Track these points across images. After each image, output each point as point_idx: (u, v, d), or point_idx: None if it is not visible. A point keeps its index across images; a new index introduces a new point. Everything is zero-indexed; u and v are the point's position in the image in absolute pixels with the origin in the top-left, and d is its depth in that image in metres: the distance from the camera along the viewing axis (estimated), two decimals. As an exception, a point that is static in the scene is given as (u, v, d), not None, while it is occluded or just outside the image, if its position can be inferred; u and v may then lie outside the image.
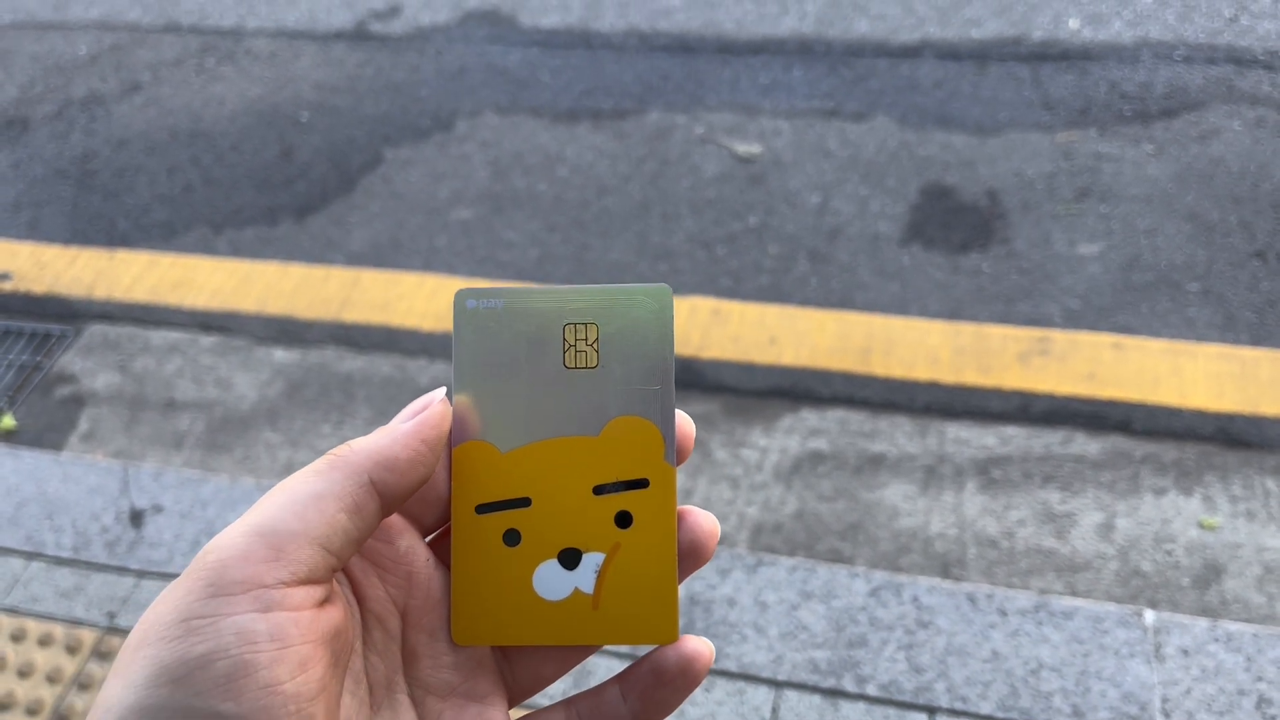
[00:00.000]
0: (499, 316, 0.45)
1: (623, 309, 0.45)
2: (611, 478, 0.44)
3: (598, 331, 0.45)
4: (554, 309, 0.45)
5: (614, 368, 0.45)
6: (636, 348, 0.44)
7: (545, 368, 0.45)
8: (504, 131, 3.01)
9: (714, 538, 0.45)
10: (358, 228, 2.77)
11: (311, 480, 0.40)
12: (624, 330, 0.45)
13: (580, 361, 0.45)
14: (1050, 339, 2.27)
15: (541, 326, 0.45)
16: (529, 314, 0.45)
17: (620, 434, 0.44)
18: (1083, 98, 2.82)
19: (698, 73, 3.11)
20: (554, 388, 0.44)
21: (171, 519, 1.95)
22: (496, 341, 0.45)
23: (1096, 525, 1.93)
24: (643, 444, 0.44)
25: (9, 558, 1.93)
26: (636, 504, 0.44)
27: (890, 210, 2.61)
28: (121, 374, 2.48)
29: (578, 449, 0.44)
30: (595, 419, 0.44)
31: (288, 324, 2.53)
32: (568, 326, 0.45)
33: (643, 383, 0.44)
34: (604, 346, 0.45)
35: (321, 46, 3.42)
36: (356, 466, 0.41)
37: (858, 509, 2.03)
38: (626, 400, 0.44)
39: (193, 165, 3.04)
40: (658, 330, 0.45)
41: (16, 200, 3.01)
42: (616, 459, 0.44)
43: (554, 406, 0.44)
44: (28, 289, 2.72)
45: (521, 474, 0.44)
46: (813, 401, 2.23)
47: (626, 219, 2.69)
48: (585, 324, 0.45)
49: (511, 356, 0.44)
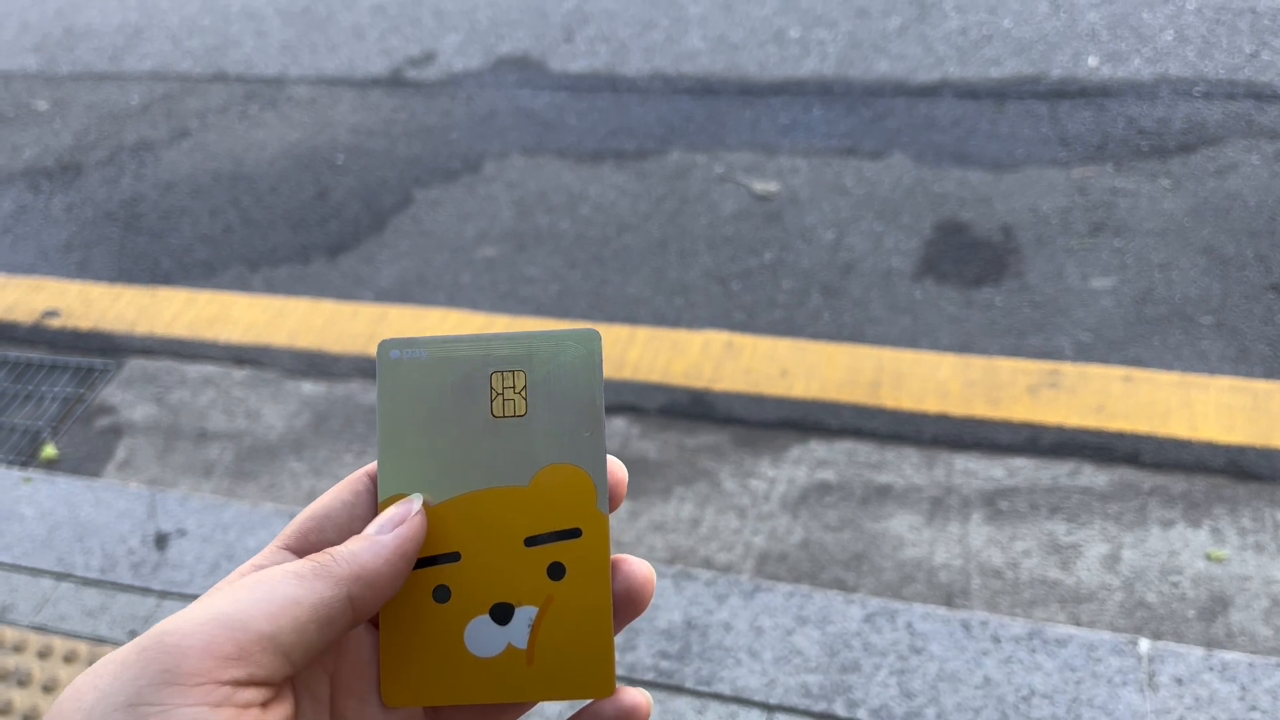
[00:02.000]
0: (424, 367, 0.44)
1: (550, 355, 0.44)
2: (543, 529, 0.43)
3: (525, 379, 0.44)
4: (480, 357, 0.44)
5: (543, 415, 0.43)
6: (565, 394, 0.43)
7: (473, 417, 0.43)
8: (529, 172, 3.10)
9: (649, 585, 0.44)
10: (387, 265, 2.87)
11: (292, 584, 0.39)
12: (552, 377, 0.44)
13: (508, 410, 0.44)
14: (1061, 371, 2.27)
15: (468, 375, 0.44)
16: (455, 363, 0.44)
17: (551, 483, 0.43)
18: (1100, 134, 2.84)
19: (719, 113, 3.18)
20: (482, 437, 0.43)
21: (194, 542, 2.02)
22: (422, 392, 0.43)
23: (1102, 556, 1.93)
24: (574, 492, 0.43)
25: (40, 578, 2.02)
26: (569, 555, 0.43)
27: (904, 246, 2.64)
28: (158, 406, 2.58)
29: (508, 500, 0.43)
30: (525, 468, 0.43)
31: (317, 358, 2.63)
32: (494, 374, 0.44)
33: (573, 429, 0.43)
34: (532, 394, 0.43)
35: (359, 92, 3.56)
36: (338, 579, 0.40)
37: (863, 539, 2.04)
38: (557, 448, 0.43)
39: (233, 207, 3.18)
40: (586, 376, 0.44)
41: (68, 241, 3.17)
42: (548, 509, 0.43)
43: (483, 457, 0.43)
44: (74, 325, 2.85)
45: (451, 528, 0.43)
46: (822, 433, 2.25)
47: (645, 255, 2.76)
48: (512, 371, 0.44)
49: (438, 407, 0.43)
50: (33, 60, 4.07)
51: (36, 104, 3.81)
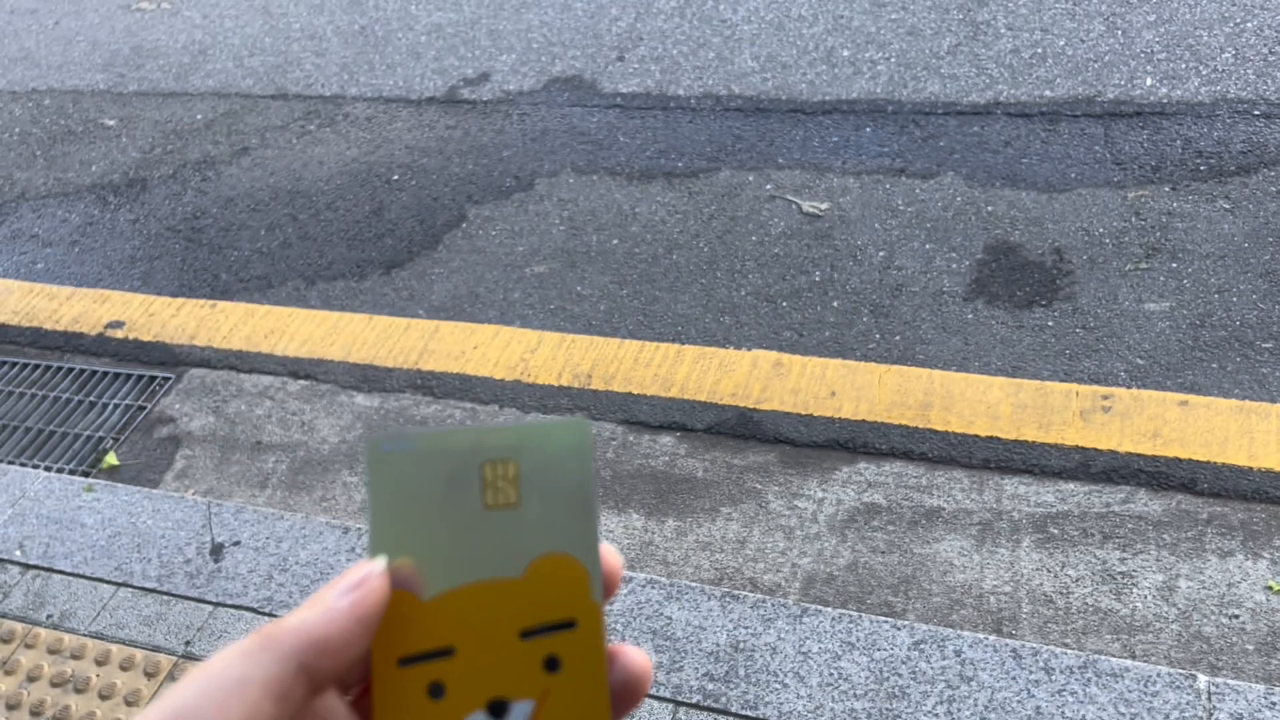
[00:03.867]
0: (414, 459, 0.43)
1: (540, 444, 0.44)
2: (537, 620, 0.43)
3: (516, 468, 0.43)
4: (470, 448, 0.43)
5: (534, 505, 0.43)
6: (557, 483, 0.43)
7: (464, 509, 0.43)
8: (581, 190, 3.13)
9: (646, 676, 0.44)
10: (439, 281, 2.91)
11: (237, 663, 0.38)
12: (543, 466, 0.43)
13: (500, 500, 0.43)
14: (1114, 396, 2.24)
15: (459, 466, 0.43)
16: (445, 455, 0.43)
17: (544, 574, 0.43)
18: (1156, 155, 2.80)
19: (769, 132, 3.19)
20: (474, 529, 0.43)
21: (248, 553, 2.07)
22: (412, 485, 0.43)
23: (1157, 586, 1.89)
24: (568, 582, 0.43)
25: (100, 585, 2.08)
26: (564, 646, 0.42)
27: (955, 267, 2.63)
28: (216, 416, 2.64)
29: (501, 592, 0.43)
30: (518, 559, 0.43)
31: (370, 371, 2.67)
32: (486, 465, 0.43)
33: (565, 519, 0.43)
34: (524, 483, 0.43)
35: (415, 111, 3.62)
36: (286, 649, 0.39)
37: (911, 563, 2.03)
38: (549, 537, 0.43)
39: (291, 222, 3.25)
40: (577, 464, 0.44)
41: (133, 254, 3.26)
42: (542, 600, 0.43)
43: (475, 548, 0.43)
44: (137, 336, 2.93)
45: (444, 622, 0.42)
46: (870, 454, 2.24)
47: (694, 274, 2.77)
48: (504, 461, 0.43)
49: (429, 500, 0.43)
50: (101, 78, 4.19)
51: (105, 121, 3.93)
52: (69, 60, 4.37)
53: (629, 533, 2.18)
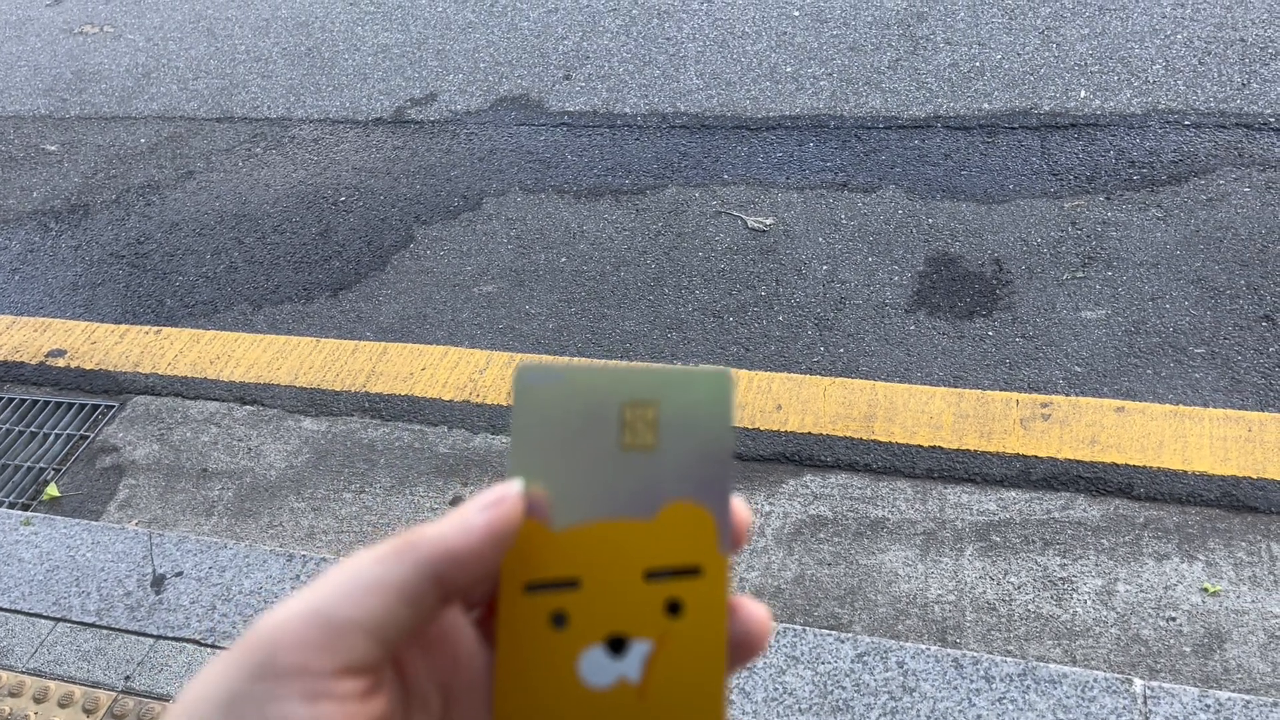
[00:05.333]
0: (557, 392, 0.44)
1: (682, 391, 0.44)
2: (663, 563, 0.43)
3: (656, 412, 0.44)
4: (613, 387, 0.44)
5: (671, 450, 0.43)
6: (694, 431, 0.43)
7: (601, 447, 0.43)
8: (529, 209, 3.13)
9: (766, 630, 0.44)
10: (387, 303, 2.90)
11: (375, 566, 0.39)
12: (683, 413, 0.43)
13: (637, 441, 0.43)
14: (1053, 404, 2.28)
15: (599, 404, 0.44)
16: (587, 392, 0.44)
17: (674, 519, 0.43)
18: (1091, 165, 2.86)
19: (715, 149, 3.21)
20: (609, 468, 0.43)
21: (190, 583, 2.04)
22: (553, 418, 0.44)
23: (1097, 591, 1.93)
24: (697, 530, 0.43)
25: (38, 621, 2.04)
26: (688, 592, 0.43)
27: (897, 279, 2.66)
28: (160, 444, 2.61)
29: (630, 532, 0.43)
30: (649, 502, 0.43)
31: (317, 395, 2.65)
32: (626, 406, 0.44)
33: (699, 468, 0.43)
34: (662, 428, 0.44)
35: (362, 132, 3.61)
36: (423, 557, 0.39)
37: (857, 574, 2.04)
38: (682, 484, 0.43)
39: (237, 246, 3.22)
40: (718, 415, 0.44)
41: (75, 281, 3.21)
42: (669, 544, 0.43)
43: (608, 487, 0.43)
44: (79, 364, 2.89)
45: (572, 554, 0.43)
46: (816, 467, 2.26)
47: (641, 290, 2.78)
48: (644, 404, 0.44)
49: (567, 434, 0.44)
50: (43, 103, 4.14)
51: (46, 146, 3.87)
52: (9, 85, 4.31)
53: (578, 552, 2.17)
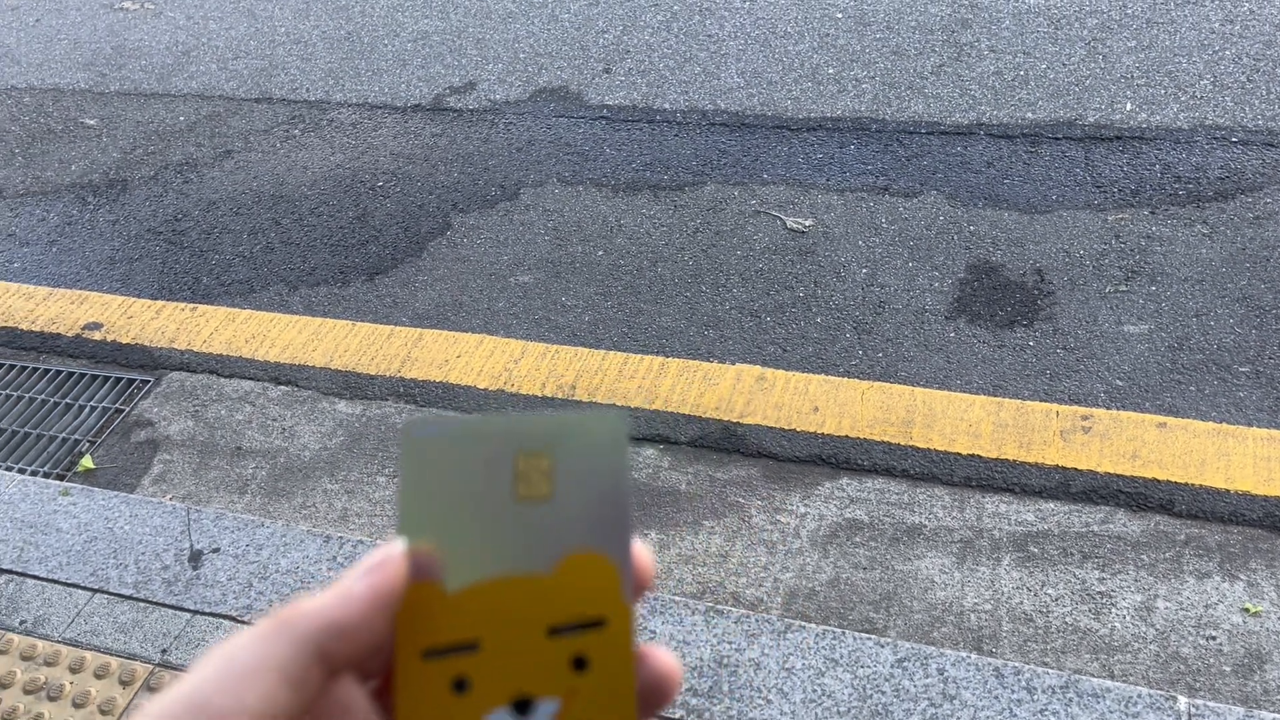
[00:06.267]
0: (447, 446, 0.42)
1: (576, 438, 0.43)
2: (566, 618, 0.42)
3: (551, 461, 0.42)
4: (505, 438, 0.42)
5: (567, 499, 0.42)
6: (591, 478, 0.42)
7: (495, 500, 0.42)
8: (566, 201, 3.13)
9: (676, 679, 0.43)
10: (424, 289, 2.90)
11: (251, 648, 0.37)
12: (578, 460, 0.42)
13: (532, 492, 0.42)
14: (1094, 417, 2.27)
15: (492, 456, 0.42)
16: (478, 443, 0.42)
17: (575, 570, 0.42)
18: (1136, 179, 2.84)
19: (754, 148, 3.20)
20: (504, 521, 0.42)
21: (227, 560, 2.05)
22: (444, 472, 0.42)
23: (1135, 606, 1.92)
24: (598, 580, 0.42)
25: (75, 591, 2.05)
26: (593, 645, 0.41)
27: (937, 285, 2.65)
28: (195, 421, 2.62)
29: (530, 587, 0.42)
30: (548, 554, 0.42)
31: (352, 378, 2.66)
32: (519, 456, 0.42)
33: (598, 515, 0.42)
34: (558, 477, 0.42)
35: (400, 118, 3.61)
36: (303, 633, 0.38)
37: (892, 579, 2.04)
38: (580, 533, 0.42)
39: (274, 227, 3.22)
40: (613, 459, 0.43)
41: (112, 255, 3.22)
42: (571, 597, 0.42)
43: (504, 541, 0.42)
44: (115, 338, 2.90)
45: (470, 615, 0.41)
46: (852, 470, 2.26)
47: (679, 287, 2.78)
48: (537, 454, 0.42)
49: (460, 488, 0.42)
50: (82, 77, 4.15)
51: (85, 120, 3.89)
52: (49, 58, 4.32)
53: (612, 545, 2.17)
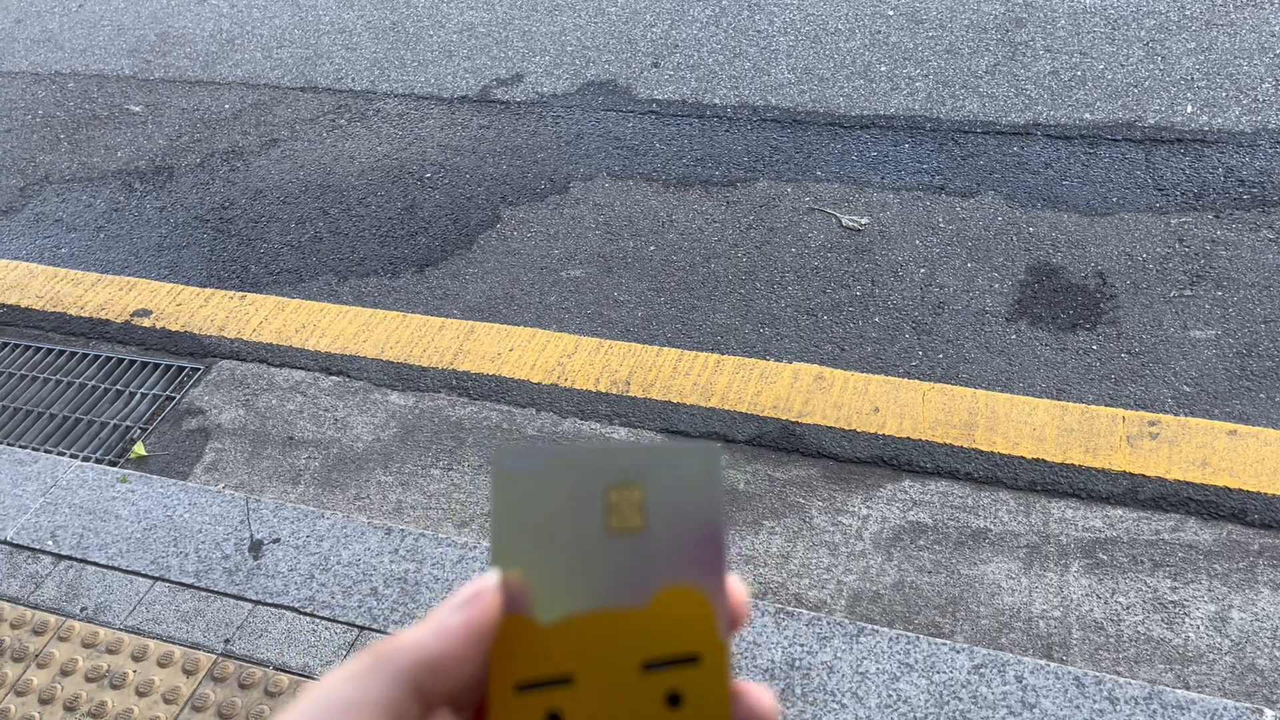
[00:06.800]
0: (538, 478, 0.42)
1: (668, 470, 0.42)
2: (660, 653, 0.41)
3: (642, 493, 0.42)
4: (596, 469, 0.42)
5: (660, 532, 0.42)
6: (683, 511, 0.42)
7: (587, 532, 0.42)
8: (617, 195, 3.11)
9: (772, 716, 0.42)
10: (474, 281, 2.88)
11: (349, 686, 0.38)
12: (670, 492, 0.42)
13: (624, 525, 0.42)
14: (1161, 423, 2.23)
15: (583, 488, 0.42)
16: (569, 474, 0.42)
17: (669, 605, 0.41)
18: (1198, 182, 2.80)
19: (807, 145, 3.17)
20: (596, 554, 0.41)
21: (288, 550, 2.04)
22: (535, 505, 0.42)
23: (1210, 616, 1.88)
24: (693, 616, 0.41)
25: (136, 578, 2.04)
26: (688, 682, 0.41)
27: (997, 286, 2.62)
28: (246, 410, 2.61)
29: (623, 622, 0.41)
30: (641, 588, 0.41)
31: (404, 370, 2.64)
32: (610, 488, 0.42)
33: (691, 548, 0.41)
34: (649, 510, 0.42)
35: (447, 109, 3.59)
36: (399, 669, 0.38)
37: (958, 583, 2.01)
38: (674, 567, 0.41)
39: (322, 216, 3.21)
40: (707, 492, 0.42)
41: (160, 242, 3.22)
42: (665, 633, 0.41)
43: (597, 574, 0.41)
44: (164, 325, 2.90)
45: (563, 649, 0.41)
46: (914, 473, 2.23)
47: (733, 283, 2.75)
48: (629, 485, 0.42)
49: (551, 521, 0.42)
50: (126, 63, 4.15)
51: (130, 106, 3.89)
52: (93, 44, 4.33)
53: (670, 543, 2.15)
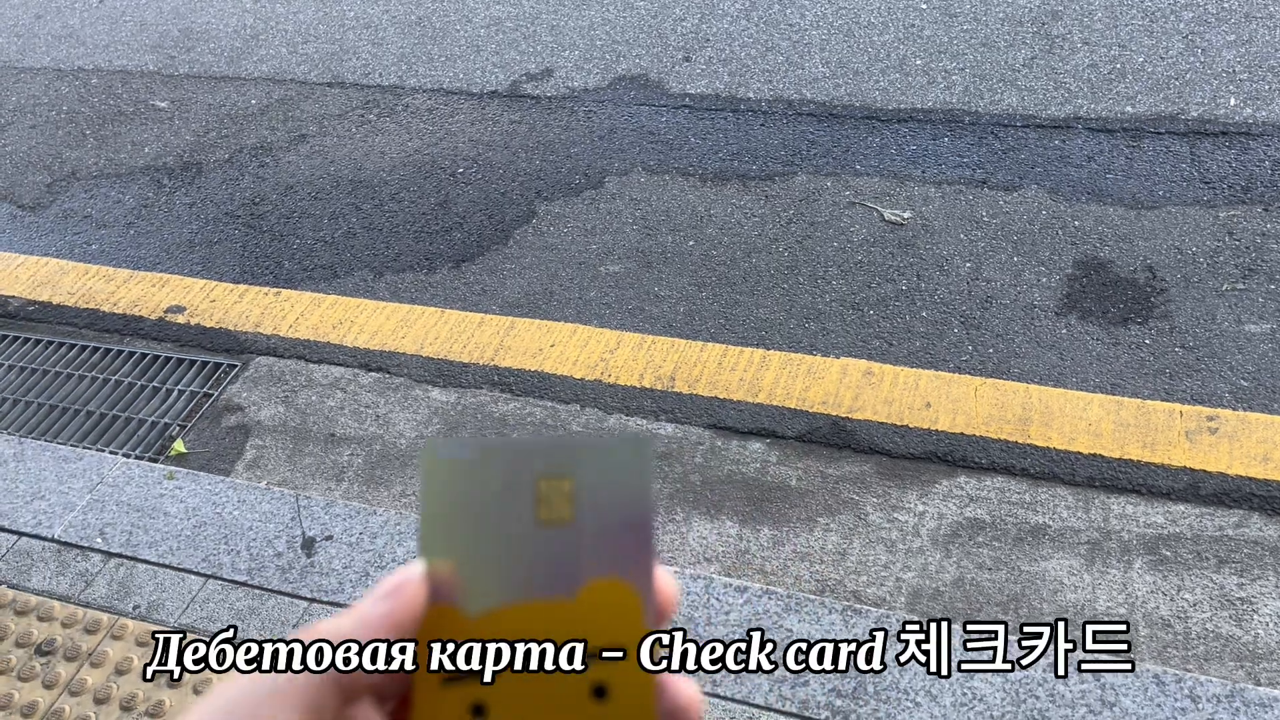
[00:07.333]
0: (469, 467, 0.42)
1: (599, 461, 0.42)
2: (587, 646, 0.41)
3: (572, 485, 0.41)
4: (526, 460, 0.42)
5: (589, 524, 0.41)
6: (613, 503, 0.41)
7: (516, 523, 0.41)
8: (653, 190, 3.08)
9: (696, 709, 0.41)
10: (512, 277, 2.86)
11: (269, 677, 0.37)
12: (600, 484, 0.41)
13: (553, 516, 0.41)
14: (1220, 417, 2.20)
15: (513, 479, 0.41)
16: (500, 464, 0.42)
17: (596, 598, 0.41)
18: (1245, 175, 2.77)
19: (844, 139, 3.15)
20: (525, 545, 0.41)
21: (341, 548, 2.01)
22: (465, 495, 0.41)
23: (1278, 613, 1.85)
24: (620, 608, 0.41)
25: (188, 576, 2.02)
26: (614, 675, 0.40)
27: (1044, 280, 2.59)
28: (285, 406, 2.58)
29: (551, 614, 0.41)
30: (569, 580, 0.41)
31: (445, 366, 2.62)
32: (541, 479, 0.41)
33: (620, 541, 0.41)
34: (579, 501, 0.41)
35: (477, 104, 3.57)
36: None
37: (1019, 580, 1.98)
38: (603, 560, 0.41)
39: (354, 212, 3.19)
40: (637, 484, 0.41)
41: (191, 239, 3.19)
42: (592, 626, 0.41)
43: (525, 566, 0.41)
44: (199, 322, 2.87)
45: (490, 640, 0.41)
46: (970, 469, 2.20)
47: (775, 278, 2.73)
48: (559, 476, 0.41)
49: (481, 511, 0.41)
50: (150, 59, 4.13)
51: (156, 102, 3.86)
52: (116, 40, 4.30)
53: (724, 540, 2.13)
